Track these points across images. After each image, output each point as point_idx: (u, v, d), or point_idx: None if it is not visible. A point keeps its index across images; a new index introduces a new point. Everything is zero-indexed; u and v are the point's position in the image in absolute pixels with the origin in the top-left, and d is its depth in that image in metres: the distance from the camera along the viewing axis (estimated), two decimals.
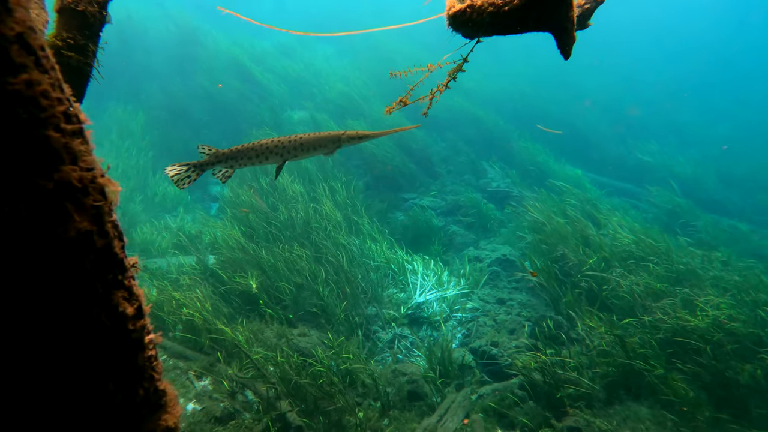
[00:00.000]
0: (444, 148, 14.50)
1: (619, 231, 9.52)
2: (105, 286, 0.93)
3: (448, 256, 10.70)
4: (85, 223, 0.87)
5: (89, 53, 2.18)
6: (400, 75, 2.50)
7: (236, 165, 3.99)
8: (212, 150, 3.97)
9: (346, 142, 3.93)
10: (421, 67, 2.38)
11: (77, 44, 2.12)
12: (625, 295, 7.72)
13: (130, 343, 1.02)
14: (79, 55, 2.13)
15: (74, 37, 2.10)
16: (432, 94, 2.32)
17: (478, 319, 8.66)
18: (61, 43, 2.07)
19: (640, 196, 14.72)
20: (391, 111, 2.56)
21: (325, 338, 7.20)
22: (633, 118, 19.92)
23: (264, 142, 3.92)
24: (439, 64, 2.32)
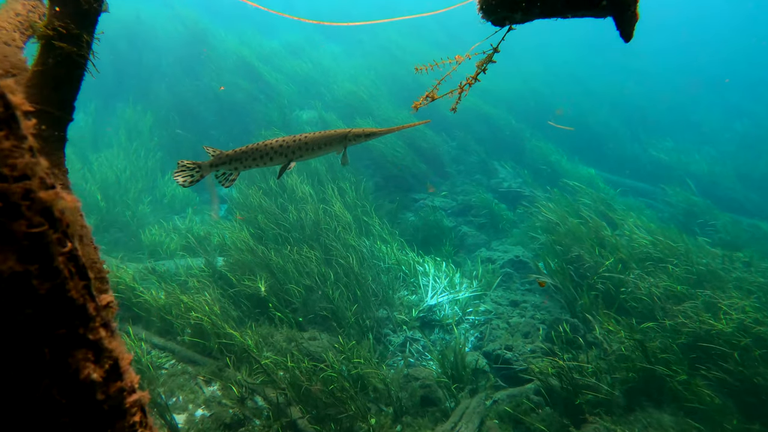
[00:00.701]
0: (454, 147, 14.30)
1: (636, 231, 9.27)
2: (57, 349, 0.69)
3: (459, 257, 10.52)
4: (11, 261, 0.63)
5: (83, 44, 2.02)
6: (426, 69, 2.33)
7: (240, 167, 3.87)
8: (217, 151, 3.87)
9: (353, 141, 3.79)
10: (449, 60, 2.21)
11: (70, 33, 1.96)
12: (643, 298, 7.50)
13: (101, 416, 0.77)
14: (72, 46, 1.98)
15: (67, 25, 1.94)
16: (461, 87, 2.15)
17: (491, 321, 8.48)
18: (52, 33, 1.92)
19: (655, 196, 14.43)
20: (419, 106, 2.40)
21: (336, 342, 7.05)
22: (647, 115, 19.57)
23: (268, 142, 3.80)
24: (468, 55, 2.15)
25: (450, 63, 2.20)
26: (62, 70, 1.98)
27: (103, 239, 10.23)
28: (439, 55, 10.73)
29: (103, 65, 9.44)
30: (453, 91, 2.23)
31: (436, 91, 2.26)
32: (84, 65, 2.10)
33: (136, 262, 9.31)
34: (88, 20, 2.03)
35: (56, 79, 1.97)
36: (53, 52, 1.94)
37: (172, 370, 6.37)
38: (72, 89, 2.06)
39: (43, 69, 1.94)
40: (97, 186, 11.14)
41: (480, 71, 2.05)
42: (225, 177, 3.94)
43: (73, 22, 1.96)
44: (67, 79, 2.02)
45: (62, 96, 2.02)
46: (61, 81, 2.00)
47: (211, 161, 3.88)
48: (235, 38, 18.45)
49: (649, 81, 23.63)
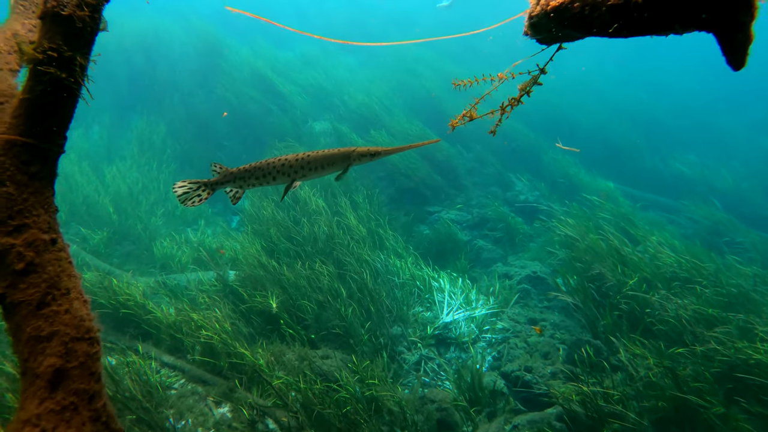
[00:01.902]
0: (470, 159, 14.07)
1: (661, 249, 8.93)
2: None
3: (475, 272, 10.26)
4: None
5: (76, 67, 1.82)
6: (464, 85, 2.14)
7: (245, 185, 3.78)
8: (223, 168, 3.80)
9: (357, 160, 3.63)
10: (491, 77, 2.02)
11: (62, 57, 1.76)
12: (670, 320, 7.17)
13: None
14: (63, 71, 1.78)
15: (58, 48, 1.75)
16: (502, 108, 1.96)
17: (508, 340, 8.20)
18: (41, 56, 1.72)
19: (677, 211, 14.04)
20: (455, 125, 2.21)
21: (349, 360, 6.83)
22: (668, 128, 19.19)
23: (271, 160, 3.69)
24: (512, 74, 1.95)
25: (483, 80, 1.99)
26: (51, 97, 1.80)
27: (115, 252, 10.14)
28: (455, 67, 10.77)
29: (118, 77, 9.43)
30: (494, 112, 2.03)
31: (475, 110, 2.06)
32: (77, 91, 1.90)
33: (148, 276, 9.20)
34: (83, 41, 1.84)
35: (44, 107, 1.80)
36: (42, 77, 1.76)
37: (181, 390, 6.19)
38: (61, 119, 1.88)
39: (30, 96, 1.77)
40: (110, 198, 11.07)
41: (524, 93, 1.85)
42: (233, 195, 3.89)
43: (65, 43, 1.77)
44: (56, 108, 1.84)
45: (50, 126, 1.84)
46: (49, 110, 1.81)
47: (216, 179, 3.81)
48: (249, 50, 18.47)
49: (670, 94, 23.23)
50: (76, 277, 1.66)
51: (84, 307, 1.69)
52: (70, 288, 1.60)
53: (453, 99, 16.35)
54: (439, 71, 18.91)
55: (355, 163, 3.64)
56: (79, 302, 1.66)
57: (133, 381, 5.61)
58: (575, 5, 1.42)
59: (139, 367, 5.88)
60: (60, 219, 7.04)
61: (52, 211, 1.89)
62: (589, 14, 1.39)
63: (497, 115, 2.10)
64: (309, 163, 3.59)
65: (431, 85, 17.20)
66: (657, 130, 18.85)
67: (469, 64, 21.14)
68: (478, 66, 21.33)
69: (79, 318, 1.63)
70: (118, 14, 19.57)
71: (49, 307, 1.65)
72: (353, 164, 3.63)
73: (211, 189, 3.84)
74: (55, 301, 1.65)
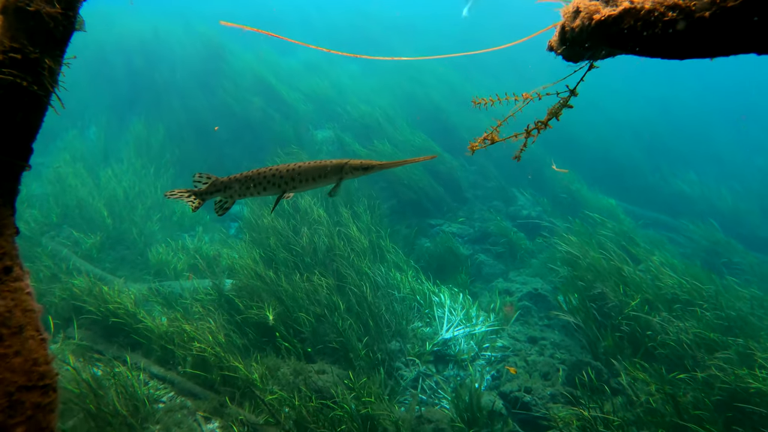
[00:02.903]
0: (472, 171, 13.98)
1: (662, 270, 8.83)
2: None
3: (475, 287, 10.14)
4: None
5: (43, 72, 1.60)
6: (485, 104, 2.03)
7: (234, 195, 3.64)
8: (210, 178, 3.66)
9: (349, 174, 3.49)
10: (515, 97, 1.91)
11: (26, 59, 1.54)
12: (671, 343, 7.05)
13: None
14: (26, 74, 1.56)
15: (23, 48, 1.52)
16: (528, 132, 1.85)
17: (508, 359, 8.09)
18: (1, 57, 1.50)
19: (677, 229, 13.96)
20: (475, 149, 2.10)
21: (346, 376, 6.69)
22: (668, 145, 19.16)
23: (262, 170, 3.56)
24: (539, 94, 1.85)
25: (506, 100, 1.89)
26: (11, 105, 1.57)
27: (108, 257, 9.96)
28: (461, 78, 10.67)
29: (117, 78, 9.27)
30: (517, 135, 1.92)
31: (497, 133, 1.95)
32: (44, 99, 1.66)
33: (141, 282, 9.03)
34: (52, 41, 1.61)
35: (4, 117, 1.57)
36: (1, 82, 1.53)
37: (170, 404, 6.02)
38: (25, 130, 1.64)
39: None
40: (104, 202, 10.88)
41: (552, 117, 1.74)
42: (220, 205, 3.73)
43: (31, 43, 1.54)
44: (17, 118, 1.61)
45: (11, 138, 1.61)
46: (9, 119, 1.58)
47: (204, 189, 3.68)
48: (252, 55, 18.38)
49: (671, 110, 23.23)
50: (33, 311, 1.44)
51: (40, 347, 1.46)
52: (24, 325, 1.38)
53: (459, 110, 16.30)
54: (444, 81, 18.87)
55: (348, 177, 3.51)
56: (35, 342, 1.42)
57: (119, 394, 5.44)
58: (626, 21, 1.30)
59: (126, 378, 5.72)
60: (51, 222, 6.88)
61: (9, 234, 1.63)
62: (641, 31, 1.27)
63: (521, 138, 1.98)
64: (300, 174, 3.47)
65: (436, 95, 17.13)
66: (659, 147, 18.84)
67: (474, 75, 21.12)
68: (482, 77, 21.33)
69: (32, 362, 1.40)
70: (118, 15, 19.52)
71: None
72: (345, 178, 3.51)
73: (200, 199, 3.72)
74: (2, 341, 1.41)
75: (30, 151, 1.71)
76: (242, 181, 3.56)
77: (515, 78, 22.22)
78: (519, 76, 22.44)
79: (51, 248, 9.40)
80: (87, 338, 7.27)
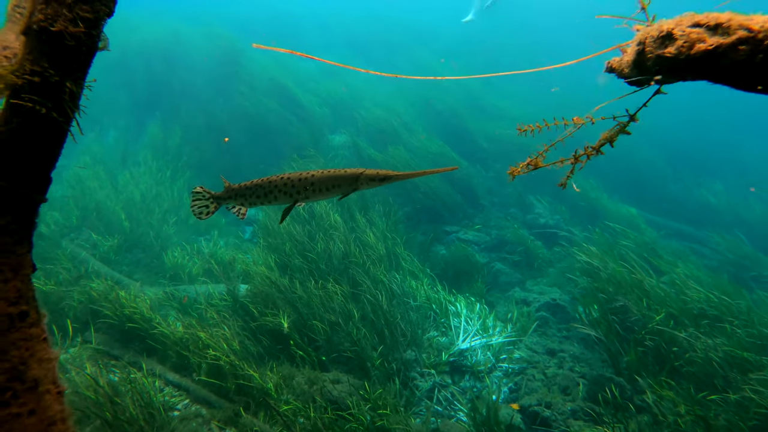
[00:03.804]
0: (489, 178, 13.79)
1: (688, 282, 8.55)
2: None
3: (492, 297, 9.95)
4: None
5: (65, 96, 1.47)
6: (532, 130, 1.90)
7: (246, 203, 3.57)
8: (225, 183, 3.63)
9: (365, 184, 3.34)
10: (564, 121, 1.77)
11: (47, 83, 1.41)
12: (699, 361, 6.79)
13: None
14: (48, 100, 1.43)
15: (43, 71, 1.40)
16: (576, 158, 1.71)
17: (525, 371, 7.88)
18: (21, 81, 1.37)
19: (701, 241, 13.59)
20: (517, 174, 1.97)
21: (361, 386, 6.55)
22: (692, 154, 18.74)
23: (273, 178, 3.43)
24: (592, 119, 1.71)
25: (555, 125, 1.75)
26: (31, 133, 1.46)
27: (125, 259, 9.97)
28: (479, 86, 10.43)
29: (137, 82, 9.26)
30: (564, 161, 1.78)
31: (542, 159, 1.81)
32: (65, 125, 1.55)
33: (157, 286, 9.00)
34: (75, 64, 1.49)
35: (21, 144, 1.45)
36: (20, 108, 1.41)
37: (184, 412, 5.94)
38: (44, 158, 1.51)
39: (4, 130, 1.43)
40: (122, 205, 10.91)
41: (606, 143, 1.60)
42: (237, 211, 3.71)
43: (53, 66, 1.42)
44: (37, 145, 1.49)
45: (28, 168, 1.49)
46: (27, 148, 1.46)
47: (220, 194, 3.64)
48: (269, 59, 18.40)
49: (696, 117, 22.72)
50: (50, 361, 1.28)
51: (57, 402, 1.29)
52: (40, 378, 1.22)
53: (476, 116, 16.13)
54: (461, 86, 18.71)
55: (363, 188, 3.36)
56: (51, 396, 1.26)
57: (135, 401, 5.37)
58: (740, 50, 1.15)
59: (142, 385, 5.65)
60: (71, 224, 6.86)
61: (25, 274, 1.47)
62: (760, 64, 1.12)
63: (567, 164, 1.84)
64: (313, 184, 3.32)
65: (453, 100, 16.98)
66: (683, 155, 18.43)
67: (491, 79, 20.92)
68: (502, 84, 21.14)
69: (48, 421, 1.23)
70: (140, 19, 19.69)
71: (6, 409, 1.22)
72: (360, 188, 3.36)
73: (216, 203, 3.68)
74: (16, 399, 1.24)
75: (48, 181, 1.59)
76: (253, 189, 3.47)
77: (533, 83, 22.00)
78: (537, 81, 22.21)
79: (70, 250, 9.44)
80: (104, 343, 7.26)
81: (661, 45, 1.33)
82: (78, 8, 1.38)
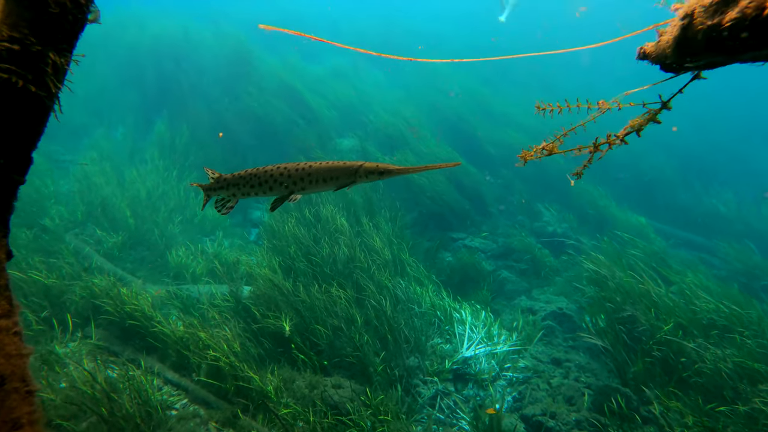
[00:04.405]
0: (497, 185, 13.69)
1: (697, 292, 8.40)
2: None
3: (497, 304, 9.83)
4: None
5: (47, 68, 1.32)
6: (551, 111, 1.81)
7: (238, 194, 3.45)
8: (215, 174, 3.50)
9: (363, 177, 3.22)
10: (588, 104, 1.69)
11: (27, 51, 1.27)
12: (708, 372, 6.64)
13: None
14: (25, 70, 1.29)
15: (23, 38, 1.25)
16: (596, 146, 1.62)
17: (530, 380, 7.75)
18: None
19: (711, 250, 13.39)
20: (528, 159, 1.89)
21: (362, 392, 6.46)
22: (704, 163, 18.51)
23: (268, 168, 3.32)
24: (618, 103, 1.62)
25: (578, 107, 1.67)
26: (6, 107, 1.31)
27: (129, 257, 9.94)
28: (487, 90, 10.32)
29: (146, 79, 9.24)
30: (581, 148, 1.69)
31: (557, 145, 1.71)
32: (47, 100, 1.40)
33: (159, 284, 8.97)
34: (60, 33, 1.36)
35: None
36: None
37: (182, 412, 5.88)
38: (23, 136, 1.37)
39: None
40: (127, 202, 10.91)
41: (632, 131, 1.51)
42: (222, 203, 3.56)
43: (34, 33, 1.29)
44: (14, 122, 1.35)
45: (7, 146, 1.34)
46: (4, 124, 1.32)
47: (209, 185, 3.52)
48: (279, 60, 18.41)
49: (706, 125, 22.44)
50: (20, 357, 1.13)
51: (25, 403, 1.13)
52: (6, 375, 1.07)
53: (485, 123, 16.04)
54: (470, 92, 18.63)
55: (361, 181, 3.24)
56: (18, 396, 1.10)
57: (132, 399, 5.32)
58: None
59: (140, 384, 5.60)
60: (76, 219, 6.83)
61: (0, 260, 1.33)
62: None
63: (584, 152, 1.75)
64: (310, 175, 3.22)
65: (461, 107, 16.90)
66: (692, 164, 18.20)
67: (501, 86, 20.86)
68: (508, 88, 21.05)
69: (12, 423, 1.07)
70: (151, 17, 19.80)
71: None
72: (359, 181, 3.25)
73: (205, 194, 3.57)
74: None
75: (29, 162, 1.45)
76: (247, 179, 3.36)
77: (543, 90, 21.89)
78: (545, 90, 22.09)
79: (74, 245, 9.43)
80: (104, 338, 7.23)
81: (716, 12, 1.20)
82: None
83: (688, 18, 1.30)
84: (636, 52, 1.81)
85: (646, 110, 1.55)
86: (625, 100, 1.70)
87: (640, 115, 1.62)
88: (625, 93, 1.69)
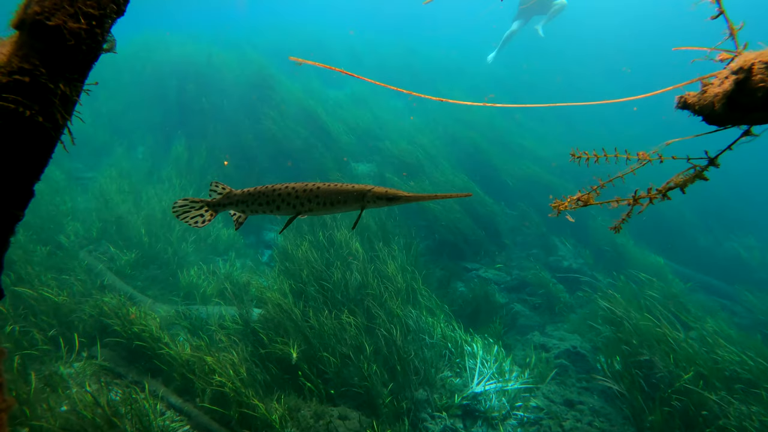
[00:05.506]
0: (513, 217, 13.55)
1: (719, 341, 8.12)
2: None
3: (510, 339, 9.60)
4: None
5: (54, 99, 1.27)
6: (587, 158, 1.74)
7: (247, 210, 3.41)
8: (225, 189, 3.47)
9: (371, 202, 3.13)
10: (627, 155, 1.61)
11: (35, 83, 1.22)
12: (732, 430, 6.34)
13: None
14: (33, 103, 1.24)
15: (32, 70, 1.21)
16: (635, 199, 1.53)
17: (541, 421, 7.49)
18: (5, 80, 1.19)
19: (731, 296, 13.04)
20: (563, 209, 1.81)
21: (369, 425, 6.29)
22: (725, 207, 18.19)
23: (277, 187, 3.28)
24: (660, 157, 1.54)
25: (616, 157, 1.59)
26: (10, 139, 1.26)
27: (140, 275, 9.93)
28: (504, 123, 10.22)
29: (169, 100, 9.34)
30: (619, 200, 1.61)
31: (593, 197, 1.64)
32: (53, 133, 1.34)
33: (169, 304, 8.91)
34: (72, 64, 1.31)
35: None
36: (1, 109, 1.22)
37: None
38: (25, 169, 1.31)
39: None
40: (142, 220, 10.97)
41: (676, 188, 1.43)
42: (236, 219, 3.56)
43: (44, 64, 1.25)
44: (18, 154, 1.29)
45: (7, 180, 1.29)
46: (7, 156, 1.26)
47: (218, 200, 3.49)
48: (299, 85, 18.66)
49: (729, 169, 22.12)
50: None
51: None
52: None
53: (502, 153, 15.99)
54: (488, 123, 18.69)
55: (370, 206, 3.15)
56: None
57: (133, 424, 5.19)
58: None
59: (143, 408, 5.47)
60: (91, 236, 6.82)
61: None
62: None
63: (623, 204, 1.67)
64: (318, 197, 3.15)
65: (479, 137, 16.91)
66: (713, 207, 17.90)
67: (519, 121, 20.90)
68: (527, 120, 21.08)
69: None
70: (177, 41, 20.31)
71: None
72: (368, 206, 3.16)
73: (213, 210, 3.53)
74: None
75: (30, 195, 1.38)
76: (255, 197, 3.32)
77: (559, 122, 21.87)
78: (561, 120, 22.08)
79: (87, 262, 9.46)
80: (110, 359, 7.15)
81: None
82: (81, 2, 1.22)
83: (744, 73, 1.23)
84: (675, 100, 1.74)
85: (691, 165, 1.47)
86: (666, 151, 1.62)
87: (684, 170, 1.53)
88: (665, 143, 1.60)
